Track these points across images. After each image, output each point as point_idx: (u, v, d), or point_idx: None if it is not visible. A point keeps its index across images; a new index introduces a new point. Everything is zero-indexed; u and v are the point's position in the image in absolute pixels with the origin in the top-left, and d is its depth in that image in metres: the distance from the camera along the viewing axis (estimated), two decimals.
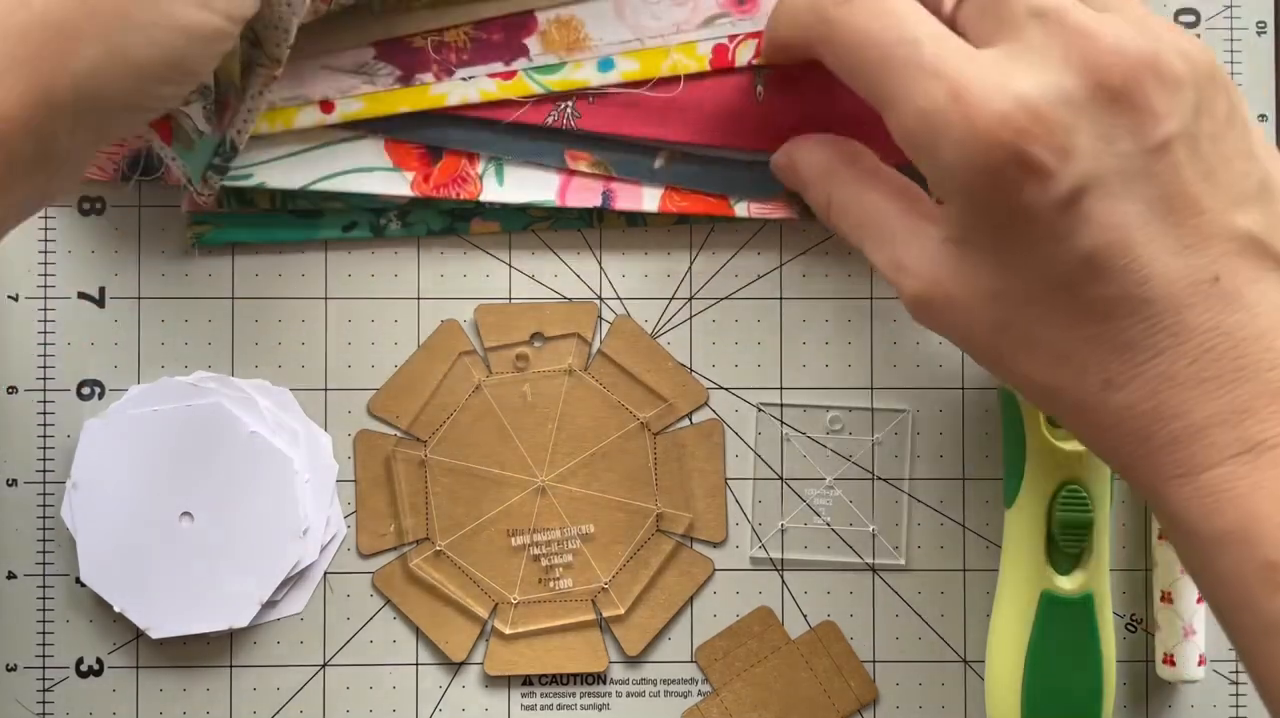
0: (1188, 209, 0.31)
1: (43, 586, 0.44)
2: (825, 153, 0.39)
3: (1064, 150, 0.31)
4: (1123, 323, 0.31)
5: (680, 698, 0.44)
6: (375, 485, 0.44)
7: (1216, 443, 0.31)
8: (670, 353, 0.44)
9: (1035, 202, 0.31)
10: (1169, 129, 0.31)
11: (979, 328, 0.34)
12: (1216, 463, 0.31)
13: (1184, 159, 0.31)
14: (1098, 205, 0.31)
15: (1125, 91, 0.31)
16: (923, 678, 0.44)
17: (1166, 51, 0.31)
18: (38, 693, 0.44)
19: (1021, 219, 0.31)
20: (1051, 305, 0.32)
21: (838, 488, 0.44)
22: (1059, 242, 0.31)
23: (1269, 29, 0.45)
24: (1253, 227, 0.31)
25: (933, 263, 0.34)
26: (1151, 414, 0.32)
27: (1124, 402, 0.32)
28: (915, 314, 0.35)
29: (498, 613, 0.44)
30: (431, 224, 0.44)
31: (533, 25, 0.41)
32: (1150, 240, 0.31)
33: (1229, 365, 0.31)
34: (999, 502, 0.44)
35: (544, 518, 0.44)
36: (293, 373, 0.44)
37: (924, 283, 0.34)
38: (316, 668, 0.44)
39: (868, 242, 0.36)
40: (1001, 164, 0.31)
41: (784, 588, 0.44)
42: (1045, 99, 0.31)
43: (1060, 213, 0.31)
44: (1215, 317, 0.31)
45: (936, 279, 0.34)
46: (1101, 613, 0.41)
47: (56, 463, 0.44)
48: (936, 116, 0.32)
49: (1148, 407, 0.32)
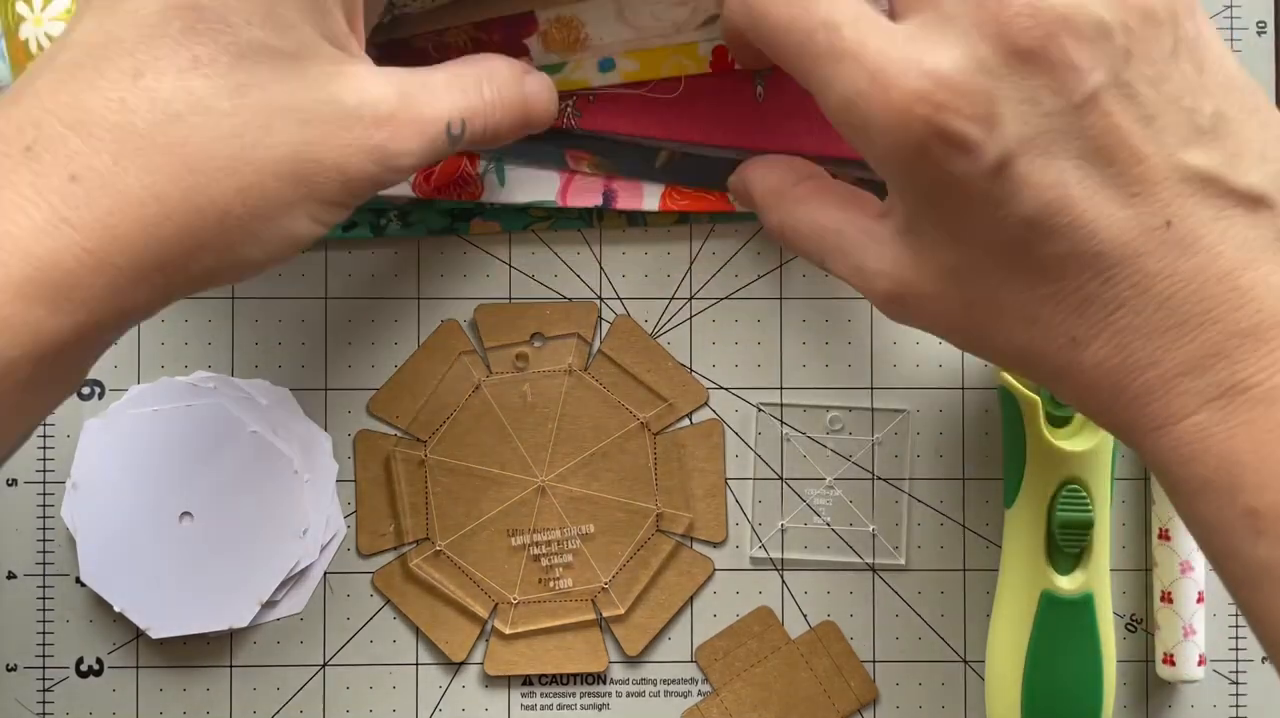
0: (1129, 158, 0.31)
1: (43, 586, 0.44)
2: (774, 175, 0.38)
3: (986, 119, 0.30)
4: (1078, 279, 0.31)
5: (680, 698, 0.44)
6: (375, 485, 0.44)
7: (1190, 390, 0.30)
8: (670, 353, 0.44)
9: (966, 173, 0.31)
10: (1093, 82, 0.30)
11: (950, 310, 0.33)
12: (1192, 411, 0.30)
13: (1116, 108, 0.31)
14: (1030, 168, 0.31)
15: (1041, 51, 0.30)
16: (923, 678, 0.44)
17: (1084, 3, 0.30)
18: (38, 693, 0.44)
19: (958, 192, 0.31)
20: (1009, 271, 0.32)
21: (838, 488, 0.44)
22: (998, 207, 0.31)
23: (1269, 29, 0.45)
24: (1205, 163, 0.31)
25: (893, 259, 0.34)
26: (1121, 368, 0.31)
27: (1092, 358, 0.32)
28: (890, 313, 0.35)
29: (498, 613, 0.44)
30: (431, 224, 0.44)
31: (532, 26, 0.41)
32: (1091, 194, 0.31)
33: (1194, 310, 0.30)
34: (999, 502, 0.44)
35: (544, 518, 0.44)
36: (293, 373, 0.44)
37: (889, 281, 0.34)
38: (316, 668, 0.44)
39: (826, 256, 0.36)
40: (925, 141, 0.31)
41: (784, 588, 0.44)
42: (961, 70, 0.30)
43: (993, 180, 0.31)
44: (1173, 262, 0.30)
45: (899, 274, 0.34)
46: (1101, 613, 0.41)
47: (56, 463, 0.44)
48: (859, 100, 0.31)
49: (1116, 361, 0.31)
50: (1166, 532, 0.43)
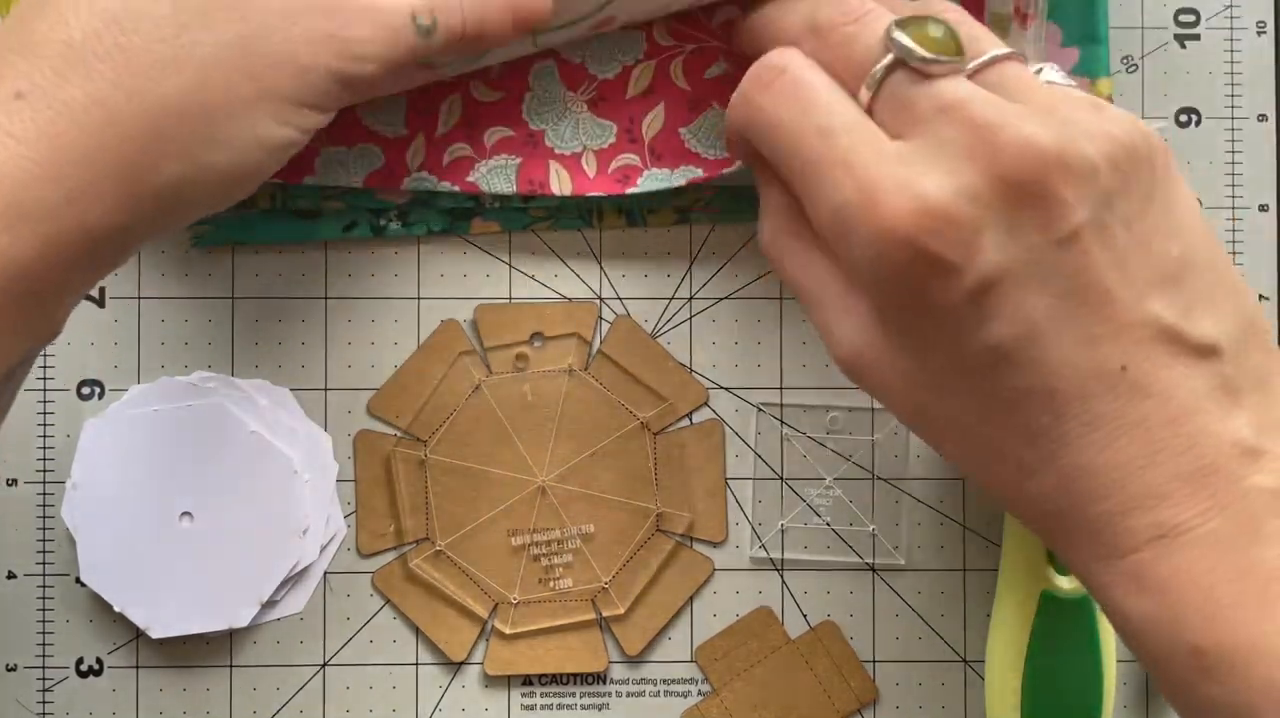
0: (1099, 299, 0.31)
1: (43, 585, 0.44)
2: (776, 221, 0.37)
3: (968, 247, 0.31)
4: (1031, 412, 0.31)
5: (680, 698, 0.44)
6: (375, 485, 0.44)
7: (1133, 528, 0.31)
8: (670, 353, 0.44)
9: (942, 297, 0.31)
10: (1077, 219, 0.31)
11: (900, 405, 0.34)
12: (1134, 548, 0.31)
13: (1094, 248, 0.31)
14: (1006, 299, 0.31)
15: (1030, 186, 0.30)
16: (923, 678, 0.44)
17: (1075, 140, 0.31)
18: (38, 693, 0.44)
19: (931, 312, 0.31)
20: (965, 393, 0.32)
21: (838, 488, 0.44)
22: (968, 334, 0.31)
23: (1269, 29, 0.45)
24: (1164, 313, 0.31)
25: (860, 335, 0.34)
26: (1066, 501, 0.32)
27: (1038, 489, 0.32)
28: (846, 375, 0.35)
29: (498, 613, 0.44)
30: (431, 224, 0.44)
31: None
32: (1058, 333, 0.31)
33: (1140, 451, 0.31)
34: None
35: (544, 518, 0.44)
36: (293, 373, 0.44)
37: (849, 353, 0.34)
38: (316, 668, 0.44)
39: (802, 296, 0.36)
40: (907, 262, 0.31)
41: (784, 588, 0.44)
42: (949, 197, 0.31)
43: (968, 306, 0.31)
44: (1124, 405, 0.31)
45: (860, 351, 0.34)
46: (1102, 613, 0.41)
47: (56, 463, 0.44)
48: (846, 211, 0.32)
49: (1061, 494, 0.32)
50: None
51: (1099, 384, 0.31)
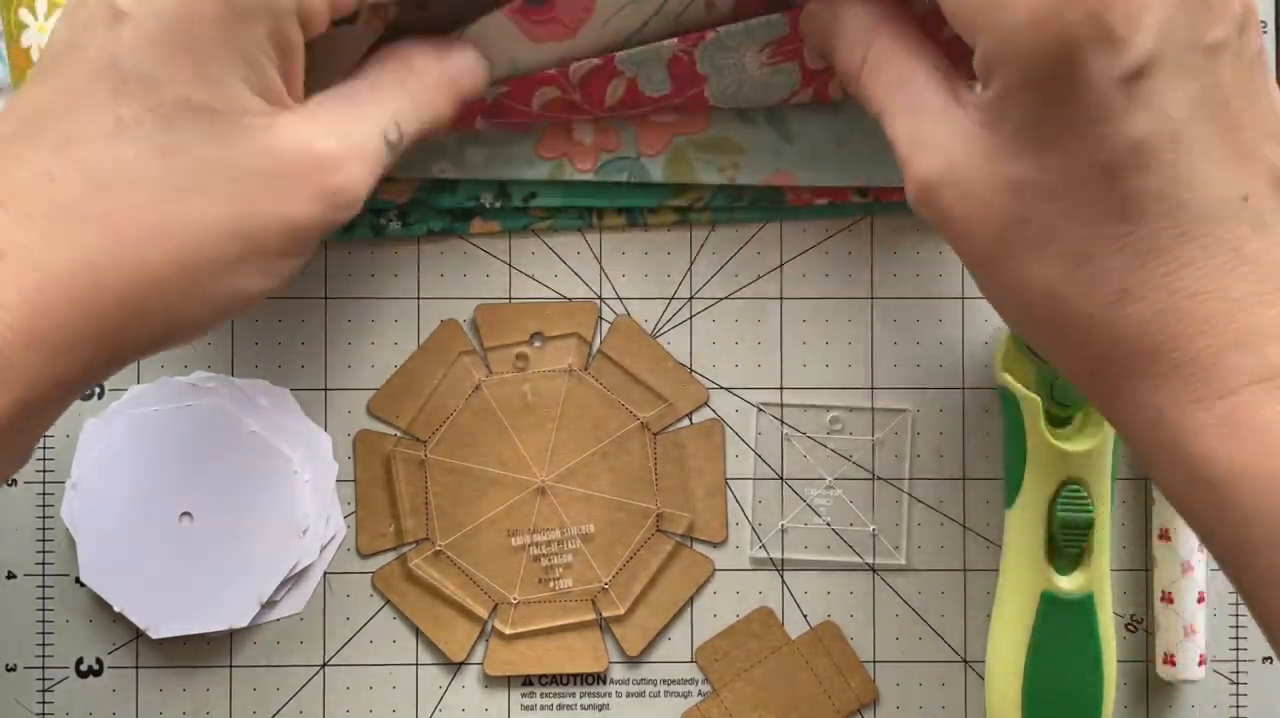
0: (1229, 120, 0.30)
1: (42, 585, 0.44)
2: (870, 7, 0.36)
3: (1136, 23, 0.29)
4: (1154, 225, 0.30)
5: (680, 698, 0.44)
6: (375, 485, 0.44)
7: (1236, 367, 0.29)
8: (670, 353, 0.44)
9: (1100, 73, 0.30)
10: (1221, 32, 0.30)
11: (988, 222, 0.32)
12: (1235, 388, 0.29)
13: (1229, 68, 0.30)
14: (1156, 90, 0.30)
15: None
16: (923, 678, 0.44)
17: None
18: (38, 693, 0.44)
19: (1080, 91, 0.30)
20: (1083, 198, 0.31)
21: (838, 488, 0.44)
22: (1112, 121, 0.30)
23: (1269, 29, 0.45)
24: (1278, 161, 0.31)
25: (958, 143, 0.32)
26: (1165, 333, 0.30)
27: (1137, 316, 0.30)
28: (919, 199, 0.33)
29: (498, 613, 0.44)
30: (431, 224, 0.44)
31: None
32: (1195, 139, 0.30)
33: (1252, 288, 0.30)
34: (999, 502, 0.44)
35: (544, 518, 0.44)
36: (293, 373, 0.44)
37: (940, 164, 0.32)
38: (316, 668, 0.44)
39: (895, 107, 0.34)
40: (1075, 25, 0.29)
41: (784, 588, 0.44)
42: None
43: (1121, 89, 0.30)
44: (1244, 236, 0.30)
45: (955, 162, 0.32)
46: (1101, 613, 0.41)
47: (56, 463, 0.44)
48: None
49: (1161, 324, 0.30)
50: (1167, 532, 0.43)
51: (1224, 209, 0.30)
